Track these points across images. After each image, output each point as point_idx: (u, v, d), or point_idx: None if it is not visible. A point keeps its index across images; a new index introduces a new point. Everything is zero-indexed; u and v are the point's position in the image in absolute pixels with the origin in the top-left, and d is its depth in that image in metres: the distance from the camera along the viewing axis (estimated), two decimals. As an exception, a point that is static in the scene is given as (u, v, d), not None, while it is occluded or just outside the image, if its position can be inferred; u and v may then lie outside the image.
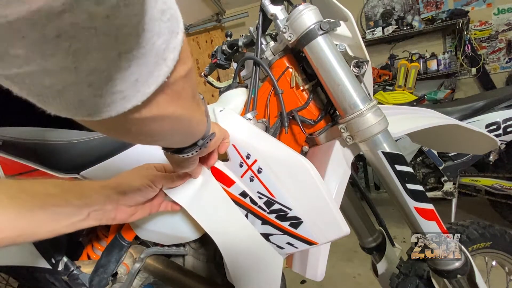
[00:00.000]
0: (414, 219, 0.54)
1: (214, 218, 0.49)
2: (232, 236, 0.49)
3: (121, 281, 0.63)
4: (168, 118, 0.26)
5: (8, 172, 0.65)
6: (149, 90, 0.20)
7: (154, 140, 0.31)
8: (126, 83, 0.19)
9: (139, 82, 0.19)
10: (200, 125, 0.36)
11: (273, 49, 0.63)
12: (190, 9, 3.09)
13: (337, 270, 1.77)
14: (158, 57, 0.19)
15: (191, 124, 0.33)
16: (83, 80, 0.17)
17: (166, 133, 0.29)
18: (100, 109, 0.19)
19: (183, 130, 0.32)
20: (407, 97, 2.42)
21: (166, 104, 0.24)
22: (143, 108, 0.22)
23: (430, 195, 1.80)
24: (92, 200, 0.42)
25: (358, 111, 0.49)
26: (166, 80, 0.21)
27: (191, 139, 0.37)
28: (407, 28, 2.93)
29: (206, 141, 0.39)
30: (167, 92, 0.23)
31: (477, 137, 0.67)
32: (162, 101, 0.23)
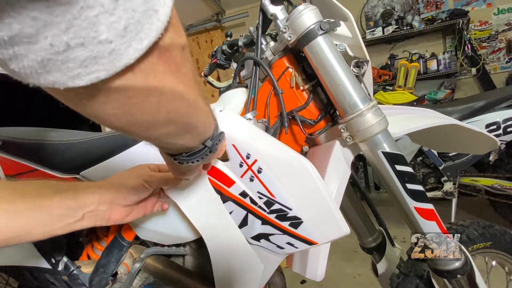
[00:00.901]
0: (414, 219, 0.54)
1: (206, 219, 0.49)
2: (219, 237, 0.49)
3: (121, 281, 0.63)
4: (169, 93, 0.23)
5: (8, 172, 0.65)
6: (141, 46, 0.18)
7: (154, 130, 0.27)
8: (113, 30, 0.16)
9: (129, 32, 0.17)
10: (208, 119, 0.34)
11: (273, 49, 0.63)
12: (190, 9, 3.09)
13: (337, 270, 1.77)
14: (147, 4, 0.17)
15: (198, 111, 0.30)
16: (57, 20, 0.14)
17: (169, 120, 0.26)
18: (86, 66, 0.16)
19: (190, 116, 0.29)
20: (407, 97, 2.42)
21: (163, 73, 0.22)
22: (138, 72, 0.19)
23: (430, 195, 1.80)
24: (86, 201, 0.41)
25: (358, 111, 0.49)
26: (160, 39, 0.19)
27: (198, 135, 0.34)
28: (407, 28, 2.93)
29: (215, 141, 0.37)
30: (164, 58, 0.21)
31: (477, 137, 0.67)
32: (159, 68, 0.21)
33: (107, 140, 0.62)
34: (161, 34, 0.19)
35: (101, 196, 0.43)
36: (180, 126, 0.29)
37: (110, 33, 0.16)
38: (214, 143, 0.36)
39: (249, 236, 0.50)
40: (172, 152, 0.37)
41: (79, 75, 0.17)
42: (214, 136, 0.37)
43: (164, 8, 0.19)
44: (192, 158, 0.36)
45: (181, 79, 0.24)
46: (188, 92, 0.26)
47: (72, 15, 0.15)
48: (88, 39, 0.16)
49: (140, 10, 0.17)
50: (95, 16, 0.15)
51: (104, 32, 0.16)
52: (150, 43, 0.18)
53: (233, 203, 0.50)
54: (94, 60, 0.17)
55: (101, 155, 0.62)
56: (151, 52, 0.19)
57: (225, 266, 0.50)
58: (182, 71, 0.24)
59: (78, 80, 0.17)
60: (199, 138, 0.35)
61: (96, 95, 0.19)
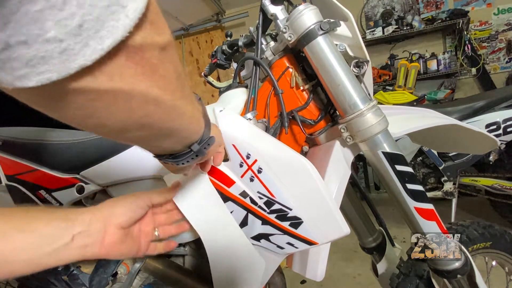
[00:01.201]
0: (414, 219, 0.54)
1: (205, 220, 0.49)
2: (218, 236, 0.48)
3: (121, 281, 0.63)
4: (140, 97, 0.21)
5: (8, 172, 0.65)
6: (102, 46, 0.16)
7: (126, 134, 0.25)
8: (63, 27, 0.14)
9: (85, 31, 0.15)
10: (193, 123, 0.31)
11: (273, 49, 0.63)
12: (190, 9, 3.09)
13: (337, 270, 1.77)
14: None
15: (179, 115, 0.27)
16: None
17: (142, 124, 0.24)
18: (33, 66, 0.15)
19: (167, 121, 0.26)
20: (407, 97, 2.42)
21: (134, 76, 0.19)
22: (99, 74, 0.17)
23: (430, 195, 1.80)
24: (77, 222, 0.36)
25: (358, 111, 0.49)
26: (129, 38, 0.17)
27: (180, 140, 0.32)
28: (407, 28, 2.93)
29: (203, 146, 0.34)
30: (135, 58, 0.19)
31: (477, 137, 0.67)
32: (128, 70, 0.19)
33: (107, 140, 0.62)
34: (129, 32, 0.17)
35: (93, 214, 0.39)
36: (157, 131, 0.27)
37: (59, 30, 0.14)
38: (201, 148, 0.34)
39: (249, 236, 0.50)
40: (156, 153, 0.35)
41: (27, 75, 0.15)
42: (202, 140, 0.34)
43: (134, 3, 0.16)
44: (177, 160, 0.35)
45: (157, 82, 0.22)
46: (165, 96, 0.23)
47: (8, 10, 0.13)
48: (32, 36, 0.14)
49: (101, 5, 0.15)
50: (38, 11, 0.13)
51: (51, 29, 0.14)
52: (115, 42, 0.16)
53: (233, 203, 0.50)
54: (43, 60, 0.15)
55: (101, 155, 0.62)
56: (117, 53, 0.17)
57: (224, 266, 0.50)
58: (159, 74, 0.21)
59: (26, 80, 0.15)
60: (183, 142, 0.33)
61: (52, 97, 0.17)
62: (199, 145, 0.34)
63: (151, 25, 0.19)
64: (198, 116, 0.32)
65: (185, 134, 0.31)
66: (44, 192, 0.64)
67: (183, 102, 0.27)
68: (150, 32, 0.19)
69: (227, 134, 0.51)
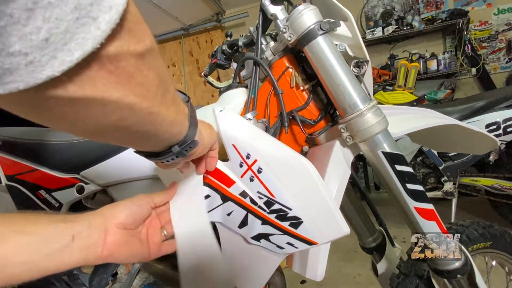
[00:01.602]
0: (414, 219, 0.54)
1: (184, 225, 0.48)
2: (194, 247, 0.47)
3: (121, 281, 0.63)
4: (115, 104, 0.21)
5: (8, 172, 0.65)
6: (71, 57, 0.16)
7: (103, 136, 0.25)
8: (28, 41, 0.14)
9: (52, 44, 0.15)
10: (175, 127, 0.31)
11: (273, 49, 0.63)
12: (190, 9, 3.09)
13: (337, 270, 1.77)
14: (80, 12, 0.15)
15: (157, 121, 0.27)
16: None
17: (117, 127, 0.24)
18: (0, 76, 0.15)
19: (143, 126, 0.26)
20: (407, 97, 2.42)
21: (107, 84, 0.19)
22: (69, 84, 0.17)
23: (430, 195, 1.80)
24: (77, 223, 0.36)
25: (358, 111, 0.49)
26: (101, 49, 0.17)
27: (160, 142, 0.32)
28: (407, 28, 2.93)
29: (184, 148, 0.34)
30: (109, 68, 0.19)
31: (477, 137, 0.67)
32: (101, 79, 0.19)
33: (107, 140, 0.62)
34: (101, 43, 0.17)
35: (93, 216, 0.38)
36: (134, 134, 0.27)
37: (23, 45, 0.14)
38: (182, 150, 0.34)
39: (249, 236, 0.50)
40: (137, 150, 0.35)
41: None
42: (183, 142, 0.34)
43: (107, 14, 0.16)
44: (157, 158, 0.35)
45: (133, 90, 0.21)
46: (142, 104, 0.23)
47: None
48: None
49: (69, 18, 0.15)
50: (2, 27, 0.14)
51: (15, 43, 0.14)
52: (85, 54, 0.16)
53: (233, 203, 0.50)
54: (8, 71, 0.15)
55: (101, 155, 0.62)
56: (88, 63, 0.17)
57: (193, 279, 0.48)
58: (136, 81, 0.21)
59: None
60: (163, 144, 0.33)
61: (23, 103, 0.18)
62: (180, 147, 0.34)
63: (129, 33, 0.19)
64: (181, 119, 0.32)
65: (164, 137, 0.31)
66: (44, 192, 0.64)
67: (163, 108, 0.26)
68: (127, 41, 0.19)
69: (227, 134, 0.50)
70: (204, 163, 0.47)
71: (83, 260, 0.34)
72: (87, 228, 0.36)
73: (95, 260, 0.36)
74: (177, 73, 3.70)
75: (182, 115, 0.32)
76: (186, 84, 3.63)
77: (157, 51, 0.24)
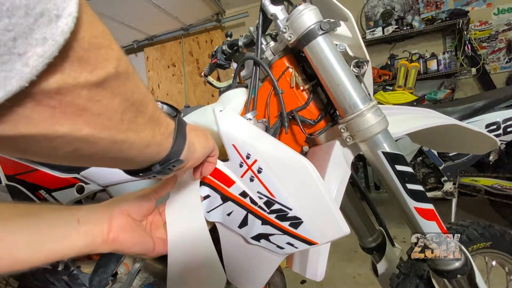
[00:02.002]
0: (414, 219, 0.54)
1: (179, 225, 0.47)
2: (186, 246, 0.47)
3: (121, 281, 0.63)
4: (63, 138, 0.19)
5: (8, 172, 0.65)
6: None
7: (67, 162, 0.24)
8: None
9: None
10: (151, 149, 0.28)
11: (273, 49, 0.63)
12: (190, 9, 3.09)
13: (337, 270, 1.77)
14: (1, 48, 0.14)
15: (125, 148, 0.24)
16: None
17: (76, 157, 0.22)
18: None
19: (108, 154, 0.24)
20: (407, 97, 2.42)
21: (49, 121, 0.17)
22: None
23: (430, 195, 1.80)
24: (81, 209, 0.36)
25: (358, 111, 0.49)
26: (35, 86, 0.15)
27: (134, 164, 0.30)
28: (407, 28, 2.94)
29: (167, 167, 0.32)
30: (50, 104, 0.17)
31: (477, 137, 0.67)
32: (39, 116, 0.17)
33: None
34: (31, 81, 0.15)
35: (98, 205, 0.38)
36: (99, 161, 0.25)
37: None
38: (164, 168, 0.32)
39: (249, 236, 0.50)
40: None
41: None
42: (166, 160, 0.31)
43: (40, 48, 0.15)
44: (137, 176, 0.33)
45: (87, 122, 0.19)
46: (101, 134, 0.21)
47: None
48: None
49: None
50: None
51: None
52: (9, 94, 0.14)
53: (233, 203, 0.50)
54: None
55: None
56: (19, 102, 0.16)
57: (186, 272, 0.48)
58: (92, 113, 0.19)
59: None
60: (138, 165, 0.31)
61: None
62: (161, 166, 0.31)
63: (78, 63, 0.17)
64: (161, 138, 0.29)
65: (138, 159, 0.29)
66: (44, 192, 0.64)
67: (131, 133, 0.24)
68: (75, 72, 0.17)
69: (227, 134, 0.51)
70: (200, 170, 0.46)
71: (90, 243, 0.34)
72: (93, 212, 0.36)
73: (102, 243, 0.35)
74: (177, 73, 3.70)
75: (163, 134, 0.30)
76: (186, 84, 3.63)
77: (127, 72, 0.22)
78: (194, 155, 0.37)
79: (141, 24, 3.22)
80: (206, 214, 0.51)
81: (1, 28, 0.13)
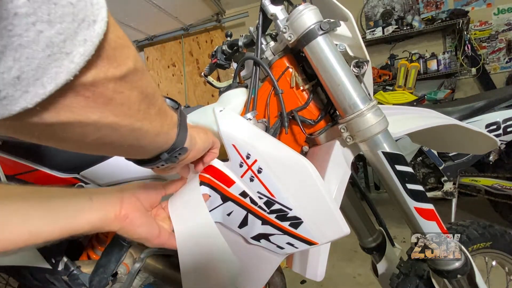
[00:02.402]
0: (414, 219, 0.54)
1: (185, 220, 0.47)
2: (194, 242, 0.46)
3: (121, 281, 0.63)
4: (93, 125, 0.22)
5: (8, 172, 0.65)
6: (44, 90, 0.16)
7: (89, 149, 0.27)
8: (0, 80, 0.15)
9: (23, 80, 0.16)
10: (161, 137, 0.32)
11: (273, 49, 0.63)
12: (190, 9, 3.09)
13: (337, 270, 1.77)
14: (52, 49, 0.16)
15: (140, 135, 0.28)
16: None
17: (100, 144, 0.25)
18: None
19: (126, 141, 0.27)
20: (407, 97, 2.42)
21: (84, 109, 0.20)
22: (44, 112, 0.18)
23: (430, 195, 1.80)
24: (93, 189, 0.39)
25: (358, 111, 0.49)
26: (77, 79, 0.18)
27: (146, 152, 0.33)
28: (407, 28, 2.93)
29: (173, 155, 0.35)
30: (85, 94, 0.19)
31: (477, 137, 0.67)
32: (77, 105, 0.19)
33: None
34: (75, 75, 0.17)
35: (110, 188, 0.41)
36: (119, 148, 0.28)
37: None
38: (171, 156, 0.35)
39: (249, 236, 0.50)
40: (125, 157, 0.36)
41: None
42: (173, 149, 0.35)
43: (82, 48, 0.17)
44: (147, 165, 0.36)
45: (112, 111, 0.22)
46: (122, 122, 0.24)
47: None
48: None
49: (41, 56, 0.16)
50: None
51: None
52: (58, 86, 0.17)
53: (233, 203, 0.50)
54: None
55: (101, 155, 0.62)
56: (63, 93, 0.18)
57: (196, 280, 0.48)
58: (116, 103, 0.22)
59: None
60: (150, 153, 0.34)
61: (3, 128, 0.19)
62: (168, 154, 0.35)
63: (107, 60, 0.20)
64: (168, 129, 0.33)
65: (150, 147, 0.32)
66: (44, 192, 0.64)
67: (146, 122, 0.27)
68: (105, 68, 0.20)
69: (227, 134, 0.50)
70: (201, 163, 0.48)
71: (104, 218, 0.35)
72: (104, 192, 0.38)
73: (114, 219, 0.36)
74: (177, 73, 3.70)
75: (169, 125, 0.33)
76: (186, 84, 3.63)
77: (142, 69, 0.24)
78: (196, 147, 0.40)
79: (141, 24, 3.22)
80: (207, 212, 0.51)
81: (55, 32, 0.16)
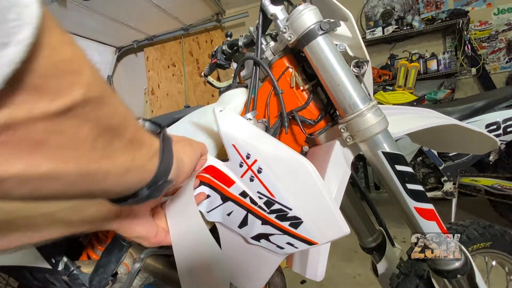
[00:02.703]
0: (414, 219, 0.54)
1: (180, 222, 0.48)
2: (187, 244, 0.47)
3: (121, 281, 0.63)
4: (15, 179, 0.16)
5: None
6: None
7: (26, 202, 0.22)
8: None
9: None
10: (132, 173, 0.25)
11: (273, 49, 0.63)
12: (190, 9, 3.09)
13: (337, 270, 1.77)
14: None
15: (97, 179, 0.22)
16: None
17: (39, 196, 0.19)
18: None
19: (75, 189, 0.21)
20: (407, 97, 2.42)
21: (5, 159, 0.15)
22: None
23: (430, 195, 1.80)
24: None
25: (358, 111, 0.49)
26: None
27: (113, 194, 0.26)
28: (407, 28, 2.94)
29: (156, 189, 0.29)
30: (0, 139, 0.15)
31: (477, 137, 0.67)
32: None
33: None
34: None
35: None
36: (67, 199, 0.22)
37: None
38: (152, 191, 0.29)
39: (249, 236, 0.50)
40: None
41: None
42: (154, 183, 0.28)
43: None
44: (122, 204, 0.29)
45: (47, 156, 0.17)
46: (66, 167, 0.18)
47: None
48: None
49: None
50: None
51: None
52: None
53: (233, 203, 0.50)
54: None
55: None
56: None
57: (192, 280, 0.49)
58: (52, 146, 0.17)
59: None
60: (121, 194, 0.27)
61: None
62: (149, 189, 0.28)
63: (34, 92, 0.15)
64: (144, 161, 0.26)
65: (117, 189, 0.26)
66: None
67: (105, 162, 0.21)
68: (29, 103, 0.15)
69: (227, 134, 0.51)
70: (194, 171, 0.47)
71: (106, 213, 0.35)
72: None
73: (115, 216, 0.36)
74: (177, 73, 3.70)
75: (146, 155, 0.27)
76: (186, 84, 3.63)
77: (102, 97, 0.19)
78: (184, 170, 0.36)
79: (141, 24, 3.22)
80: (206, 214, 0.51)
81: None
